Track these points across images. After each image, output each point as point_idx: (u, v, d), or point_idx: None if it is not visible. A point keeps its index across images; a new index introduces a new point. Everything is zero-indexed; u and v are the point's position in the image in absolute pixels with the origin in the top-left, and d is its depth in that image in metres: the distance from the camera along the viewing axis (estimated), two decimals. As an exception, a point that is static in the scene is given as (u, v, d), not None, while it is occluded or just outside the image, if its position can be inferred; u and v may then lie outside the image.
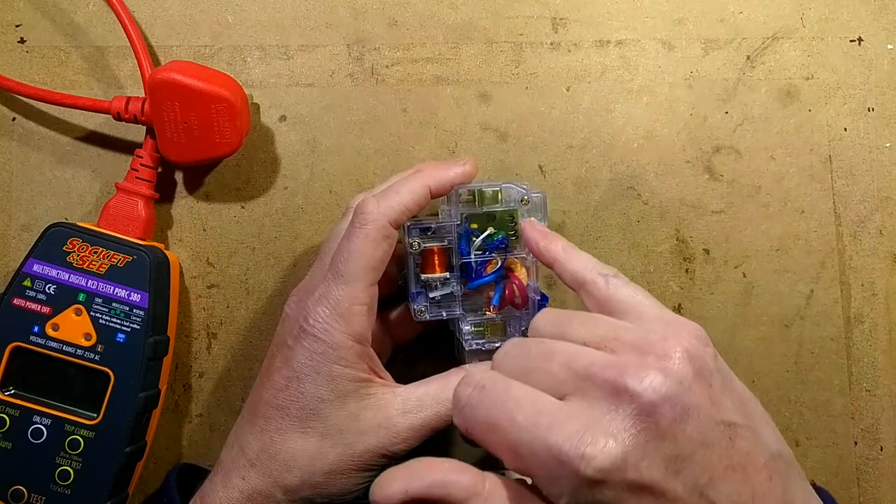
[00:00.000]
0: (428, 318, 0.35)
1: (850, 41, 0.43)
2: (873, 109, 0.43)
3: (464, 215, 0.35)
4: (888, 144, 0.43)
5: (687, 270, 0.42)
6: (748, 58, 0.43)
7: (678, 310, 0.42)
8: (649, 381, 0.26)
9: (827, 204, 0.43)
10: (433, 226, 0.35)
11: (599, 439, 0.25)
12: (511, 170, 0.42)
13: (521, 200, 0.35)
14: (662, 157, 0.42)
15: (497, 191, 0.35)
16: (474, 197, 0.35)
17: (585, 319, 0.30)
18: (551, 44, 0.43)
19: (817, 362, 0.42)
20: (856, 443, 0.42)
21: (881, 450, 0.42)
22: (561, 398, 0.27)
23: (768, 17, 0.43)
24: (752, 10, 0.43)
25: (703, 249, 0.42)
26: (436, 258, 0.35)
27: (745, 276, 0.42)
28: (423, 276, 0.35)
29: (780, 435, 0.30)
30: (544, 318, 0.31)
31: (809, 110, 0.43)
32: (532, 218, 0.35)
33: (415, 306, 0.35)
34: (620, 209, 0.42)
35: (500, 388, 0.28)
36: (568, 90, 0.43)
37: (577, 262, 0.32)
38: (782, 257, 0.42)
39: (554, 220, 0.42)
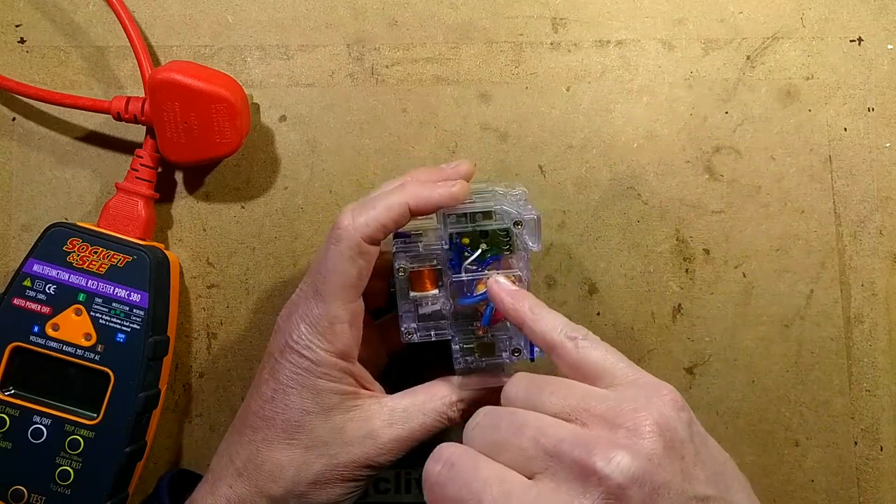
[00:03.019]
0: (417, 339, 0.35)
1: (850, 41, 0.43)
2: (873, 109, 0.43)
3: (453, 235, 0.34)
4: (888, 144, 0.43)
5: (687, 270, 0.42)
6: (748, 58, 0.43)
7: (678, 310, 0.42)
8: (617, 462, 0.25)
9: (827, 204, 0.43)
10: (420, 248, 0.34)
11: None
12: (511, 170, 0.42)
13: (514, 224, 0.34)
14: (662, 157, 0.42)
15: (489, 212, 0.34)
16: (466, 216, 0.34)
17: (556, 388, 0.29)
18: (551, 44, 0.43)
19: (817, 362, 0.42)
20: (856, 443, 0.42)
21: (881, 450, 0.42)
22: (530, 476, 0.27)
23: (768, 17, 0.43)
24: (752, 10, 0.43)
25: (703, 249, 0.42)
26: (426, 276, 0.34)
27: (745, 276, 0.42)
28: (412, 294, 0.34)
29: (754, 498, 0.29)
30: (517, 386, 0.31)
31: (809, 110, 0.43)
32: (499, 276, 0.34)
33: (403, 327, 0.35)
34: (620, 209, 0.42)
35: (469, 466, 0.28)
36: (568, 90, 0.43)
37: (545, 323, 0.31)
38: (782, 257, 0.42)
39: (554, 220, 0.42)
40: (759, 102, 0.43)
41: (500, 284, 0.33)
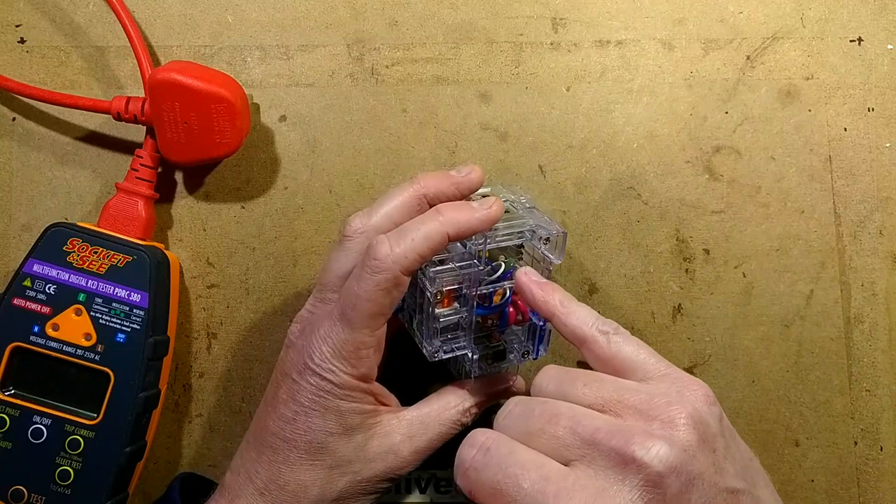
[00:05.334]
0: (444, 356, 0.34)
1: (850, 41, 0.43)
2: (873, 109, 0.43)
3: (480, 252, 0.34)
4: (888, 144, 0.43)
5: (687, 270, 0.42)
6: (748, 58, 0.43)
7: (678, 310, 0.42)
8: (656, 451, 0.26)
9: (827, 204, 0.43)
10: (455, 269, 0.33)
11: None
12: (511, 170, 0.42)
13: (544, 241, 0.34)
14: (662, 157, 0.42)
15: (520, 232, 0.34)
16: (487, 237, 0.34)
17: (589, 379, 0.29)
18: (551, 44, 0.43)
19: (817, 362, 0.42)
20: (856, 443, 0.42)
21: (881, 450, 0.42)
22: (565, 463, 0.27)
23: (768, 17, 0.43)
24: (752, 10, 0.43)
25: (703, 249, 0.42)
26: (446, 293, 0.34)
27: (745, 276, 0.42)
28: (436, 311, 0.34)
29: (777, 495, 0.30)
30: (547, 377, 0.31)
31: (809, 110, 0.43)
32: (527, 267, 0.34)
33: (430, 347, 0.34)
34: (620, 209, 0.42)
35: (505, 452, 0.28)
36: (568, 90, 0.43)
37: (576, 317, 0.31)
38: (782, 257, 0.42)
39: (554, 220, 0.42)
40: (759, 102, 0.43)
41: (529, 275, 0.33)
